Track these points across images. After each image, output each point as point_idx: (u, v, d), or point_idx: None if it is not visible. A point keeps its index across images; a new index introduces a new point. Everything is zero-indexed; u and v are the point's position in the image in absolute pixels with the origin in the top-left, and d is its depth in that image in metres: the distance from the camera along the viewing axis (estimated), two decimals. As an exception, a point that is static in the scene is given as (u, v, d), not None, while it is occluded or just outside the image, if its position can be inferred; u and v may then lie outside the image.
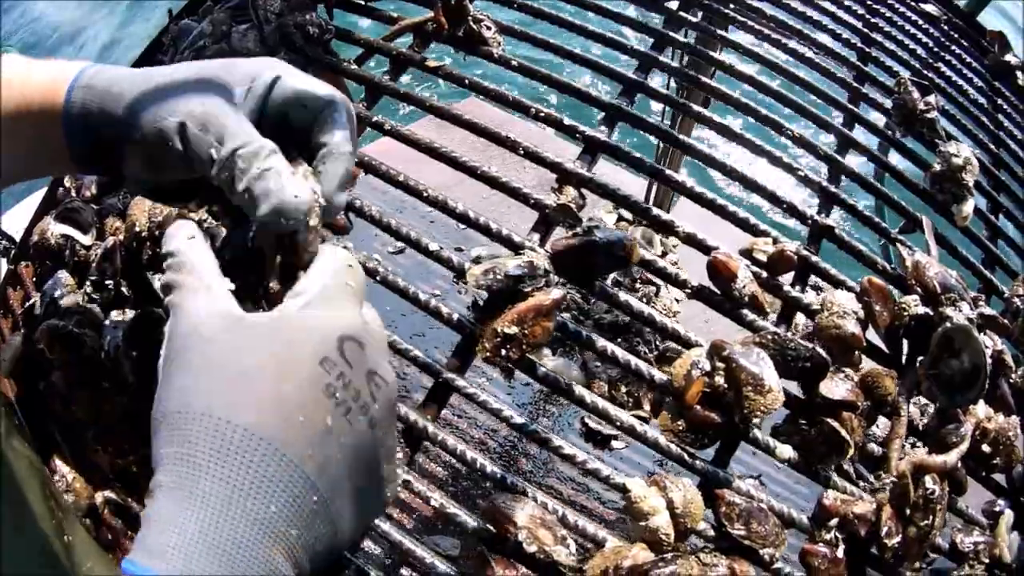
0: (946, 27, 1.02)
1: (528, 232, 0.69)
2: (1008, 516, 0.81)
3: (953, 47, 1.00)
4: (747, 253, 0.71)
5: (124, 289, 0.81)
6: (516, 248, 0.67)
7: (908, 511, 0.69)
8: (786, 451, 0.68)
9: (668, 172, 0.77)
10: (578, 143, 0.72)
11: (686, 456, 0.65)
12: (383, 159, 0.74)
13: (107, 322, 0.76)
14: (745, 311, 0.68)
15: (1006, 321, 0.84)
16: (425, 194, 0.71)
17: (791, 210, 0.74)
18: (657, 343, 1.17)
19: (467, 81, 0.76)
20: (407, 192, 0.73)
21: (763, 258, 0.71)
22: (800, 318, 0.77)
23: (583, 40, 0.83)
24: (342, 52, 0.85)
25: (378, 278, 0.70)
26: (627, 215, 1.47)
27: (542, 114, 0.73)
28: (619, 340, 1.16)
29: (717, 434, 0.66)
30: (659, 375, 0.67)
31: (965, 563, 0.77)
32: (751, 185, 0.74)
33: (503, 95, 0.74)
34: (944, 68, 0.96)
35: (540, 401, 1.42)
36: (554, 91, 0.79)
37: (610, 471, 0.64)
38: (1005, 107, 0.98)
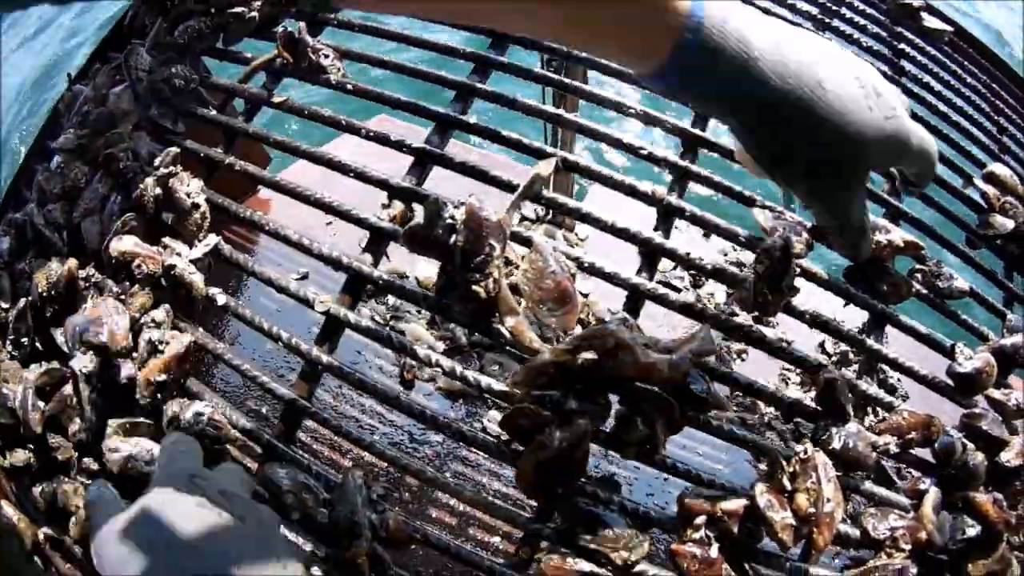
0: (836, -25, 0.95)
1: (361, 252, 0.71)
2: (934, 494, 0.74)
3: (846, -2, 0.93)
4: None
5: (39, 345, 0.87)
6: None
7: (787, 482, 0.65)
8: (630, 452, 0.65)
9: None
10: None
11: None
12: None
13: (24, 374, 0.83)
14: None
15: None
16: (267, 228, 0.73)
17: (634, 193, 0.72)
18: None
19: (306, 112, 0.78)
20: (266, 234, 0.75)
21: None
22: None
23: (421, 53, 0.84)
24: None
25: (230, 312, 0.73)
26: (529, 214, 1.44)
27: (371, 133, 0.74)
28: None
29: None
30: (504, 389, 0.65)
31: (882, 552, 0.71)
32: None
33: (336, 120, 0.76)
34: (837, 22, 0.90)
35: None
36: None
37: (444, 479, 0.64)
38: (908, 51, 0.91)
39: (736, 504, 0.63)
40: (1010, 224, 0.81)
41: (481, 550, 0.63)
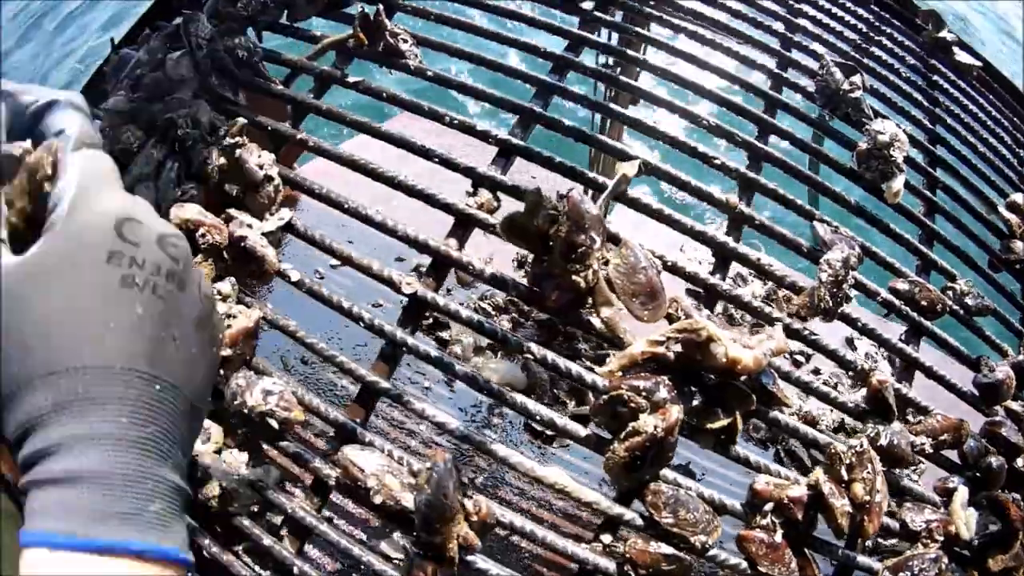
0: (877, 8, 1.02)
1: (446, 237, 0.71)
2: (962, 492, 0.80)
3: (886, 28, 0.99)
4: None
5: None
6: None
7: (844, 472, 0.69)
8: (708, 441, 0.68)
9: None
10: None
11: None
12: (321, 180, 0.76)
13: None
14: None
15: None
16: (363, 212, 0.73)
17: (710, 200, 0.75)
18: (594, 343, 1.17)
19: (384, 94, 0.78)
20: (345, 212, 0.74)
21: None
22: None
23: (499, 47, 0.85)
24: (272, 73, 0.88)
25: (304, 289, 0.72)
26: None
27: (455, 121, 0.74)
28: (559, 339, 1.17)
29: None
30: (594, 378, 0.67)
31: (918, 542, 0.77)
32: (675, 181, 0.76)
33: (418, 105, 0.76)
34: (877, 50, 0.96)
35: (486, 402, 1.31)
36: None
37: (531, 464, 0.65)
38: (941, 83, 0.98)
39: (800, 491, 0.67)
40: (1029, 250, 0.88)
41: (559, 536, 0.64)
